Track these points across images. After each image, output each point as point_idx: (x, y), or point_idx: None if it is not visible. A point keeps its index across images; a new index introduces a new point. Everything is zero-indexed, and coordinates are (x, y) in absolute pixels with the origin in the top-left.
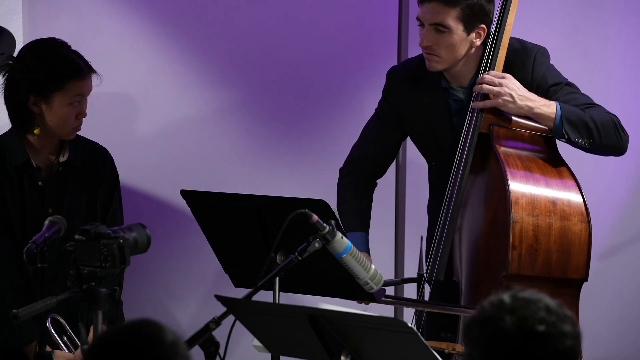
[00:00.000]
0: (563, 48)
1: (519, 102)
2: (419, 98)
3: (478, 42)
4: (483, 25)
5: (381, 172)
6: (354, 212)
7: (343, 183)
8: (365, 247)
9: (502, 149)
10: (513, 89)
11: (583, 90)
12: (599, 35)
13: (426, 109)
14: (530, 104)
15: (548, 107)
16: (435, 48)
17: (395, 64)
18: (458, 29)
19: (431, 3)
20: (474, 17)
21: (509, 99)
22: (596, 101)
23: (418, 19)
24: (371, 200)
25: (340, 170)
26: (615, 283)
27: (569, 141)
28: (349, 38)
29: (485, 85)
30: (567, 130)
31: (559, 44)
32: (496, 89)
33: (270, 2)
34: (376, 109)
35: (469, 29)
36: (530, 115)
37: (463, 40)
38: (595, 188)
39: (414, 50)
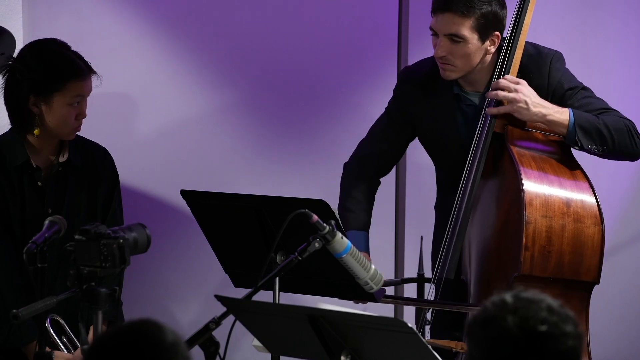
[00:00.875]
0: (563, 49)
1: (532, 108)
2: (429, 102)
3: (493, 49)
4: (497, 33)
5: (386, 171)
6: (359, 211)
7: (348, 180)
8: (366, 247)
9: (517, 150)
10: (528, 95)
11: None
12: (598, 36)
13: (435, 114)
14: (543, 110)
15: (561, 114)
16: (451, 58)
17: (395, 64)
18: (473, 38)
19: (445, 14)
20: (488, 26)
21: (524, 105)
22: None
23: (431, 28)
24: (373, 199)
25: (345, 165)
26: (615, 283)
27: (582, 148)
28: (349, 38)
29: (500, 92)
30: (580, 137)
31: (559, 46)
32: (511, 95)
33: (270, 2)
34: (386, 108)
35: (483, 38)
36: (543, 122)
37: (478, 49)
38: (596, 188)
39: (414, 50)
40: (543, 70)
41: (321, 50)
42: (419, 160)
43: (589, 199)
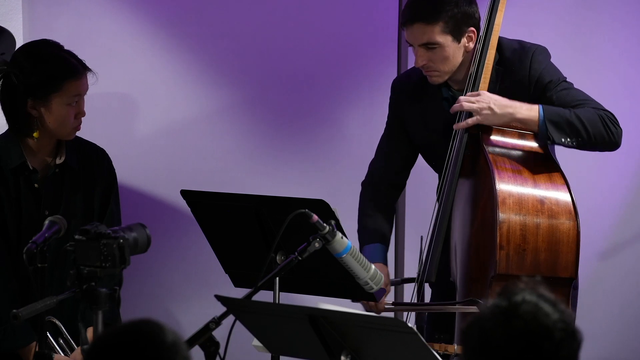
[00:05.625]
0: (563, 47)
1: (498, 111)
2: (421, 109)
3: (471, 45)
4: (472, 28)
5: (401, 181)
6: (372, 226)
7: (363, 197)
8: (381, 258)
9: (491, 149)
10: (489, 101)
11: (585, 89)
12: (599, 32)
13: (427, 120)
14: (510, 110)
15: (530, 111)
16: (432, 65)
17: (395, 63)
18: (447, 41)
19: (414, 25)
20: (459, 25)
21: (488, 112)
22: (597, 100)
23: (407, 41)
24: (392, 209)
25: (362, 183)
26: (615, 283)
27: (554, 143)
28: (349, 38)
29: (465, 103)
30: (551, 132)
31: (559, 44)
32: (473, 105)
33: (270, 2)
34: (386, 122)
35: (458, 37)
36: (513, 122)
37: (456, 49)
38: (595, 188)
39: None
40: (524, 62)
41: (321, 51)
42: (418, 160)
43: (563, 195)
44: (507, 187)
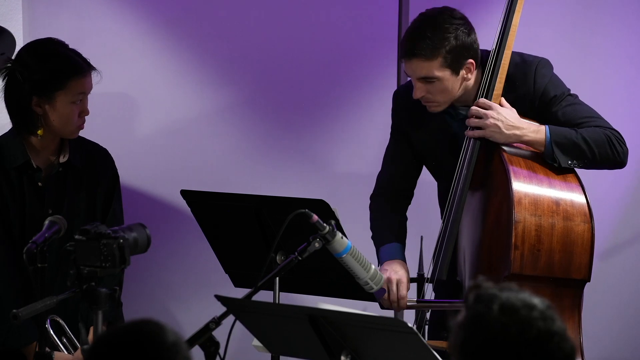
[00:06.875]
0: (564, 46)
1: (506, 131)
2: (422, 121)
3: (470, 75)
4: (470, 60)
5: (409, 190)
6: (384, 227)
7: (373, 206)
8: (400, 256)
9: (506, 150)
10: (499, 118)
11: (586, 89)
12: (599, 31)
13: (428, 132)
14: (517, 132)
15: (537, 134)
16: (430, 97)
17: (395, 64)
18: (445, 74)
19: (412, 60)
20: (458, 58)
21: (495, 129)
22: (598, 99)
23: (405, 72)
24: (403, 216)
25: (370, 196)
26: (615, 283)
27: (560, 166)
28: (349, 38)
29: (471, 119)
30: (557, 155)
31: (560, 42)
32: (482, 121)
33: (270, 2)
34: (390, 132)
35: (457, 70)
36: (519, 142)
37: (454, 81)
38: (595, 188)
39: None
40: (528, 77)
41: (321, 51)
42: None
43: (579, 197)
44: (523, 187)
